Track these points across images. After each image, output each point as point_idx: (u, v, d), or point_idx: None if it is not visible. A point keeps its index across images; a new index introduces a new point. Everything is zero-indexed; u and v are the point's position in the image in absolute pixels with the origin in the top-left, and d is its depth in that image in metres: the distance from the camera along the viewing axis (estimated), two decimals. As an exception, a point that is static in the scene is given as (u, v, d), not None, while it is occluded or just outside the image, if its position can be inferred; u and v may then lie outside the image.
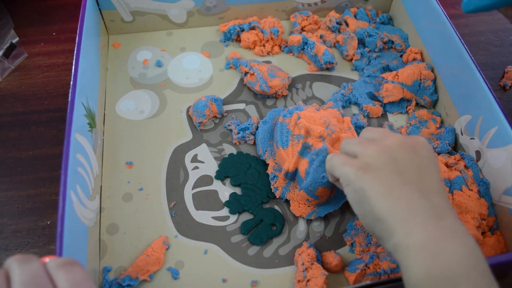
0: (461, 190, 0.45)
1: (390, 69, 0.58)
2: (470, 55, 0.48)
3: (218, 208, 0.47)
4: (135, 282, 0.41)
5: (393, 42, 0.61)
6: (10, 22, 0.60)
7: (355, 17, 0.64)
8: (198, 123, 0.52)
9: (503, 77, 0.61)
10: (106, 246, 0.44)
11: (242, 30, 0.61)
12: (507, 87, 0.59)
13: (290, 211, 0.47)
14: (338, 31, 0.62)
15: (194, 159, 0.50)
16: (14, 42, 0.59)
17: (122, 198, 0.47)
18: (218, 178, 0.49)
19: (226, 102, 0.55)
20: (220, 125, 0.53)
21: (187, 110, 0.54)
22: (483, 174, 0.46)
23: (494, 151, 0.45)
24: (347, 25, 0.63)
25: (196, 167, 0.50)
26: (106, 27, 0.61)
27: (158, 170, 0.49)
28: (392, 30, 0.62)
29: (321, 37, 0.61)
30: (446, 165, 0.48)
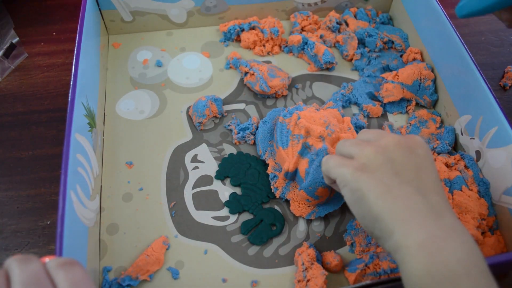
0: (461, 190, 0.45)
1: (390, 69, 0.58)
2: (470, 55, 0.48)
3: (218, 208, 0.47)
4: (135, 282, 0.41)
5: (393, 42, 0.61)
6: (10, 22, 0.60)
7: (355, 17, 0.64)
8: (198, 123, 0.52)
9: (503, 77, 0.61)
10: (106, 246, 0.44)
11: (242, 30, 0.61)
12: (507, 87, 0.59)
13: (290, 211, 0.47)
14: (338, 31, 0.62)
15: (194, 159, 0.50)
16: (14, 42, 0.59)
17: (122, 198, 0.47)
18: (218, 178, 0.49)
19: (226, 102, 0.55)
20: (220, 125, 0.53)
21: (187, 110, 0.54)
22: (483, 174, 0.46)
23: (494, 151, 0.45)
24: (347, 25, 0.63)
25: (196, 167, 0.50)
26: (106, 27, 0.61)
27: (158, 170, 0.49)
28: (392, 30, 0.62)
29: (321, 37, 0.61)
30: (446, 165, 0.48)
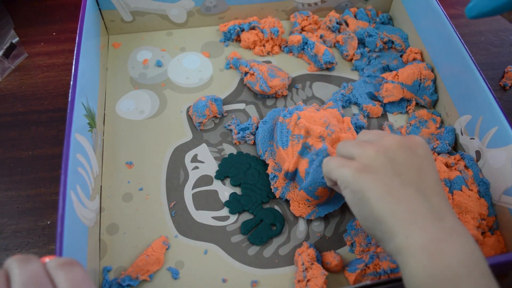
0: (461, 190, 0.45)
1: (390, 69, 0.58)
2: (470, 55, 0.48)
3: (218, 208, 0.47)
4: (135, 282, 0.41)
5: (393, 42, 0.61)
6: (10, 22, 0.60)
7: (355, 17, 0.64)
8: (198, 123, 0.52)
9: (503, 77, 0.61)
10: (106, 246, 0.44)
11: (242, 30, 0.61)
12: (507, 87, 0.59)
13: (290, 211, 0.47)
14: (338, 31, 0.62)
15: (194, 159, 0.50)
16: (14, 42, 0.59)
17: (122, 198, 0.47)
18: (218, 178, 0.49)
19: (226, 102, 0.55)
20: (220, 125, 0.53)
21: (187, 110, 0.54)
22: (483, 174, 0.46)
23: (494, 151, 0.45)
24: (347, 25, 0.63)
25: (196, 167, 0.50)
26: (106, 27, 0.61)
27: (158, 170, 0.49)
28: (392, 30, 0.62)
29: (321, 37, 0.61)
30: (446, 165, 0.48)
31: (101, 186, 0.48)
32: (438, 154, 0.50)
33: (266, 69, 0.55)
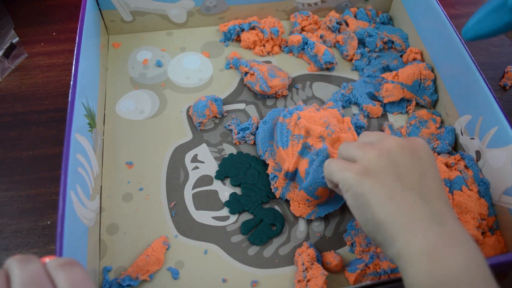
0: (461, 190, 0.45)
1: (390, 69, 0.58)
2: (470, 55, 0.48)
3: (218, 208, 0.47)
4: (135, 282, 0.41)
5: (393, 42, 0.61)
6: (10, 22, 0.60)
7: (355, 17, 0.64)
8: (198, 123, 0.52)
9: (503, 77, 0.61)
10: (106, 246, 0.44)
11: (242, 30, 0.61)
12: (507, 87, 0.59)
13: (290, 211, 0.47)
14: (338, 31, 0.62)
15: (194, 159, 0.50)
16: (14, 42, 0.59)
17: (122, 198, 0.47)
18: (218, 178, 0.49)
19: (226, 102, 0.55)
20: (220, 125, 0.53)
21: (187, 110, 0.54)
22: (483, 174, 0.46)
23: (494, 151, 0.45)
24: (347, 25, 0.63)
25: (196, 167, 0.50)
26: (106, 27, 0.61)
27: (158, 170, 0.49)
28: (392, 30, 0.62)
29: (321, 37, 0.61)
30: (446, 165, 0.48)
31: (101, 186, 0.48)
32: (438, 154, 0.50)
33: (266, 69, 0.55)
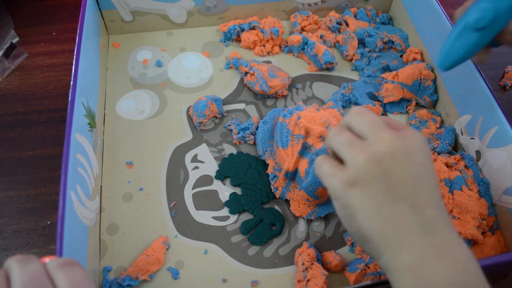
0: (461, 190, 0.45)
1: (390, 69, 0.58)
2: (470, 55, 0.48)
3: (218, 208, 0.47)
4: (135, 282, 0.41)
5: (393, 42, 0.61)
6: (10, 22, 0.60)
7: (355, 17, 0.64)
8: (198, 123, 0.52)
9: (503, 77, 0.60)
10: (106, 246, 0.44)
11: (242, 30, 0.61)
12: (507, 87, 0.59)
13: (290, 211, 0.47)
14: (338, 31, 0.62)
15: (194, 159, 0.50)
16: (14, 42, 0.59)
17: (122, 198, 0.47)
18: (218, 178, 0.49)
19: (226, 102, 0.55)
20: (220, 125, 0.53)
21: (187, 110, 0.54)
22: (483, 174, 0.46)
23: (494, 151, 0.45)
24: (347, 25, 0.63)
25: (196, 167, 0.50)
26: (106, 27, 0.61)
27: (158, 170, 0.49)
28: (392, 30, 0.62)
29: (321, 37, 0.61)
30: (446, 165, 0.48)
31: (101, 186, 0.48)
32: (438, 154, 0.50)
33: (266, 69, 0.55)
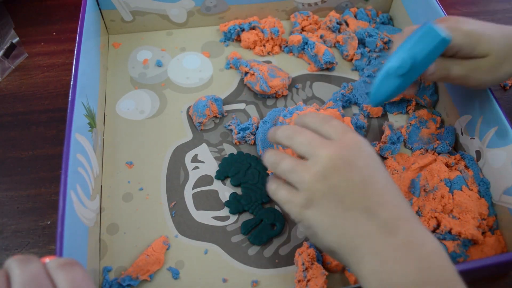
0: (461, 190, 0.45)
1: (390, 69, 0.58)
2: (470, 55, 0.48)
3: (218, 208, 0.47)
4: (135, 282, 0.41)
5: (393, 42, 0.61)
6: (10, 22, 0.60)
7: (355, 17, 0.64)
8: (198, 123, 0.52)
9: (503, 77, 0.60)
10: (106, 246, 0.44)
11: (242, 30, 0.61)
12: (507, 87, 0.59)
13: None
14: (338, 31, 0.62)
15: (194, 159, 0.50)
16: (14, 42, 0.59)
17: (122, 198, 0.47)
18: (218, 178, 0.49)
19: (226, 102, 0.55)
20: (220, 125, 0.53)
21: (187, 110, 0.54)
22: (483, 174, 0.46)
23: (494, 151, 0.45)
24: (347, 25, 0.63)
25: (196, 167, 0.50)
26: (106, 27, 0.61)
27: (158, 170, 0.49)
28: (392, 30, 0.62)
29: (321, 37, 0.61)
30: (447, 165, 0.48)
31: (101, 186, 0.48)
32: (438, 154, 0.50)
33: (266, 69, 0.55)
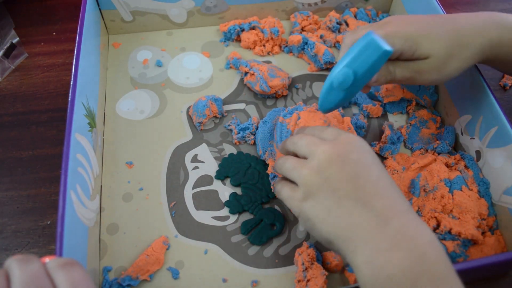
0: (461, 190, 0.45)
1: (390, 69, 0.58)
2: (470, 55, 0.48)
3: (218, 208, 0.47)
4: (135, 282, 0.41)
5: (393, 42, 0.61)
6: (11, 22, 0.60)
7: (355, 17, 0.64)
8: (198, 123, 0.52)
9: (503, 77, 0.60)
10: (106, 246, 0.44)
11: (242, 30, 0.61)
12: (507, 87, 0.59)
13: (290, 211, 0.47)
14: (338, 31, 0.62)
15: (194, 159, 0.50)
16: (14, 42, 0.59)
17: (122, 198, 0.47)
18: (218, 178, 0.49)
19: (226, 102, 0.55)
20: (220, 125, 0.53)
21: (187, 110, 0.54)
22: (483, 174, 0.46)
23: (494, 151, 0.45)
24: (347, 25, 0.63)
25: (196, 167, 0.50)
26: (106, 27, 0.61)
27: (158, 170, 0.49)
28: (392, 30, 0.62)
29: (321, 37, 0.61)
30: (446, 165, 0.48)
31: (101, 186, 0.48)
32: (438, 154, 0.50)
33: (266, 69, 0.55)
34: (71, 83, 0.43)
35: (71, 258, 0.29)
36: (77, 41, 0.46)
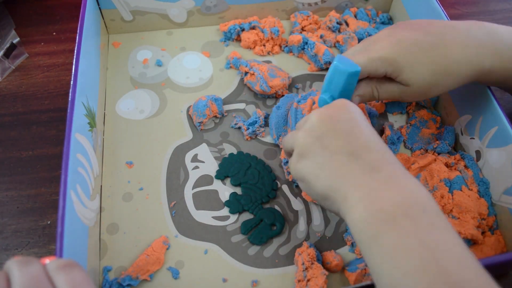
0: (461, 190, 0.45)
1: (390, 69, 0.58)
2: (470, 55, 0.48)
3: (218, 208, 0.47)
4: (135, 282, 0.41)
5: (393, 42, 0.61)
6: (11, 22, 0.60)
7: (355, 17, 0.64)
8: (198, 123, 0.52)
9: (503, 77, 0.60)
10: (106, 246, 0.44)
11: (243, 30, 0.61)
12: (507, 87, 0.59)
13: (302, 197, 0.47)
14: (338, 31, 0.62)
15: (194, 159, 0.50)
16: (14, 42, 0.59)
17: (122, 198, 0.47)
18: (218, 178, 0.49)
19: (226, 102, 0.55)
20: (220, 124, 0.53)
21: (187, 110, 0.54)
22: (483, 174, 0.46)
23: (494, 151, 0.45)
24: (347, 25, 0.63)
25: (196, 167, 0.50)
26: (106, 27, 0.61)
27: (158, 170, 0.49)
28: (392, 30, 0.62)
29: (321, 37, 0.61)
30: (446, 165, 0.48)
31: (101, 186, 0.48)
32: (438, 154, 0.50)
33: (266, 69, 0.55)
34: (71, 83, 0.43)
35: (71, 259, 0.29)
36: (77, 41, 0.46)
